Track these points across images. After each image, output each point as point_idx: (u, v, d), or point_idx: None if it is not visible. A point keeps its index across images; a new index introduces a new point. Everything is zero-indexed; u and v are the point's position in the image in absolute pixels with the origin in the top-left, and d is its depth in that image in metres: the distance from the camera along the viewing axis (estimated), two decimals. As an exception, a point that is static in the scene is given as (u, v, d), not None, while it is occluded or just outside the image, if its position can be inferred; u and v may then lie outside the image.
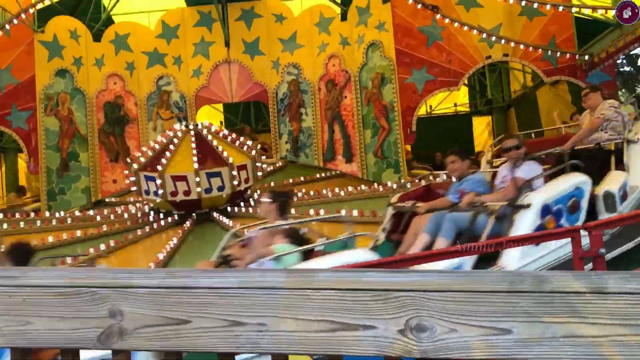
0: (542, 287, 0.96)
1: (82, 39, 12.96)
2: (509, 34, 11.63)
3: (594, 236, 2.86)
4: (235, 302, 1.04)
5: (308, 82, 13.31)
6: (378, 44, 11.89)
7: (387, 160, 11.74)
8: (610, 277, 0.95)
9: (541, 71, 11.90)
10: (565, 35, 11.79)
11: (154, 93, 13.53)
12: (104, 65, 13.17)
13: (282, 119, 13.68)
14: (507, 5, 11.37)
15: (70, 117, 12.58)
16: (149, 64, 13.52)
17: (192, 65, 13.63)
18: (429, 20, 11.59)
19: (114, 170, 12.97)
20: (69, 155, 12.50)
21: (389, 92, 11.70)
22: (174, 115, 13.46)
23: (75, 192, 12.47)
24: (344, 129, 12.65)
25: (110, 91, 13.19)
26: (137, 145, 12.99)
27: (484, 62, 12.14)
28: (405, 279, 1.02)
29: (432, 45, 11.78)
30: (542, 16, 11.65)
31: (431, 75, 11.78)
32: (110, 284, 1.09)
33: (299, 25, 13.48)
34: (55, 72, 12.49)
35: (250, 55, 13.62)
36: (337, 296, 1.01)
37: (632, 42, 10.00)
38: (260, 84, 13.67)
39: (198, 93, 13.66)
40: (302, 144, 13.39)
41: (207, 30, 13.62)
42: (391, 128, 11.70)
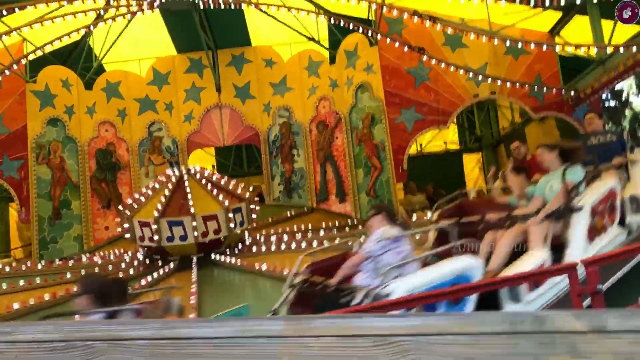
0: (543, 327, 0.95)
1: (73, 88, 13.08)
2: (495, 72, 11.87)
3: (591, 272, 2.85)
4: (232, 352, 1.02)
5: (299, 124, 13.43)
6: (367, 86, 12.08)
7: (380, 199, 11.76)
8: (610, 316, 0.94)
9: (529, 108, 12.09)
10: (550, 72, 12.05)
11: (146, 139, 13.59)
12: (95, 112, 13.26)
13: (274, 160, 13.74)
14: (492, 45, 11.63)
15: (62, 165, 12.57)
16: (141, 111, 13.63)
17: (184, 111, 13.75)
18: (416, 61, 11.82)
19: (106, 217, 12.89)
20: (61, 204, 12.44)
21: (380, 131, 11.82)
22: (165, 160, 13.51)
23: (67, 240, 12.35)
24: (336, 169, 12.71)
25: (102, 138, 13.24)
26: (130, 191, 12.97)
27: (472, 100, 12.33)
28: (405, 323, 1.01)
29: (420, 86, 11.98)
30: (527, 55, 11.93)
31: (420, 114, 11.94)
32: (105, 336, 1.07)
33: (289, 69, 13.70)
34: (47, 121, 12.55)
35: (241, 99, 13.79)
36: (337, 343, 1.00)
37: (615, 77, 10.21)
38: (252, 127, 13.78)
39: (190, 138, 13.74)
40: (294, 185, 13.41)
41: (197, 76, 13.81)
42: (383, 167, 11.77)
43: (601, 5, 10.25)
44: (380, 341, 0.99)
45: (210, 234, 9.65)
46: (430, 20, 10.65)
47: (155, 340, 1.05)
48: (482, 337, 0.96)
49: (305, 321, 1.03)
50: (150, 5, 11.18)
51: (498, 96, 12.39)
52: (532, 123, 13.41)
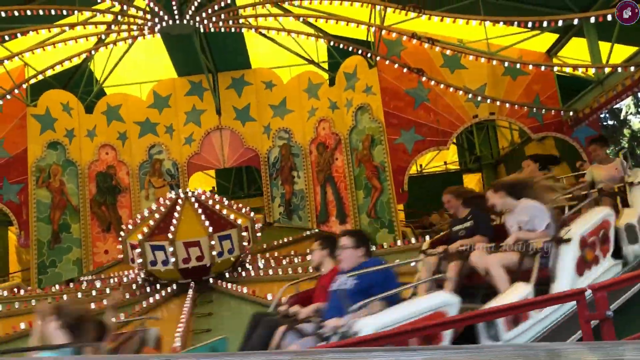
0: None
1: (74, 112, 13.13)
2: (493, 93, 11.93)
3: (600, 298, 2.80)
4: (239, 388, 0.99)
5: (299, 146, 13.46)
6: (366, 107, 12.13)
7: (381, 220, 11.72)
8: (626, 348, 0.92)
9: (528, 128, 12.13)
10: (548, 92, 12.11)
11: (146, 162, 13.61)
12: (96, 136, 13.30)
13: (274, 182, 13.74)
14: (490, 66, 11.70)
15: (61, 189, 12.56)
16: (141, 134, 13.67)
17: (184, 133, 13.79)
18: (415, 82, 11.89)
19: (106, 241, 12.84)
20: (60, 227, 12.40)
21: (380, 152, 11.84)
22: (166, 183, 13.50)
23: (66, 264, 12.28)
24: (337, 190, 12.70)
25: (102, 161, 13.25)
26: (130, 215, 12.93)
27: (471, 121, 12.37)
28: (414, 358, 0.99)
29: (419, 107, 12.03)
30: (525, 75, 12.00)
31: (420, 135, 11.97)
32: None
33: (289, 91, 13.78)
34: (48, 144, 12.57)
35: (241, 121, 13.84)
36: (346, 378, 0.97)
37: (614, 97, 10.25)
38: (252, 149, 13.81)
39: (190, 160, 13.76)
40: (295, 207, 13.39)
41: (198, 99, 13.87)
42: (383, 188, 11.76)
43: (598, 27, 10.34)
44: (391, 376, 0.97)
45: (192, 260, 9.38)
46: (429, 42, 10.73)
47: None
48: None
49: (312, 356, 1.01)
50: (151, 30, 11.27)
51: (497, 116, 12.43)
52: (531, 143, 13.43)
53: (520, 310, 3.69)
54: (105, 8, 11.76)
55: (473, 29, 11.27)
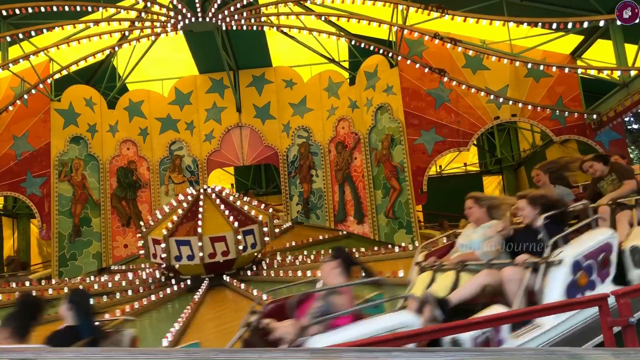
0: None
1: (96, 107, 13.29)
2: (516, 95, 11.80)
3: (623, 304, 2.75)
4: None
5: (318, 145, 13.46)
6: (387, 107, 12.08)
7: (399, 221, 11.67)
8: (651, 355, 0.90)
9: (550, 130, 11.97)
10: (572, 95, 11.94)
11: (167, 158, 13.72)
12: (117, 131, 13.45)
13: (292, 180, 13.76)
14: (513, 67, 11.59)
15: (83, 183, 12.73)
16: (162, 130, 13.79)
17: (205, 130, 13.88)
18: (437, 83, 11.81)
19: (126, 235, 12.98)
20: (81, 221, 12.56)
21: (399, 153, 11.78)
22: (185, 179, 13.61)
23: (86, 258, 12.45)
24: (355, 189, 12.67)
25: (123, 157, 13.40)
26: (149, 210, 13.07)
27: (492, 122, 12.25)
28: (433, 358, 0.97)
29: (440, 107, 11.95)
30: (549, 77, 11.84)
31: (440, 136, 11.89)
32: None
33: (309, 90, 13.78)
34: (70, 138, 12.74)
35: (261, 119, 13.88)
36: (364, 377, 0.97)
37: (639, 101, 10.07)
38: (271, 146, 13.84)
39: (210, 157, 13.84)
40: (312, 205, 13.39)
41: (219, 96, 13.95)
42: (402, 188, 11.70)
43: (624, 29, 10.17)
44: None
45: (218, 255, 9.66)
46: (451, 42, 10.66)
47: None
48: (516, 375, 0.92)
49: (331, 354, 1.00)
50: (173, 27, 11.37)
51: (519, 118, 12.29)
52: (553, 146, 13.28)
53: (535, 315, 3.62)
54: (130, 5, 11.91)
55: (496, 29, 11.17)
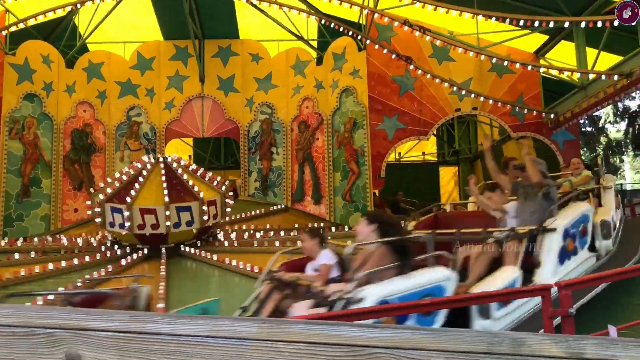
0: (520, 350, 0.94)
1: (54, 65, 12.81)
2: (478, 88, 11.99)
3: (564, 295, 2.87)
4: (201, 351, 0.98)
5: (281, 122, 13.37)
6: (352, 90, 12.08)
7: (355, 204, 11.77)
8: (588, 343, 0.93)
9: (508, 126, 12.24)
10: (532, 93, 12.22)
11: (124, 123, 13.38)
12: (74, 92, 13.01)
13: (252, 157, 13.65)
14: (478, 61, 11.74)
15: (35, 142, 12.30)
16: (121, 94, 13.41)
17: (165, 98, 13.58)
18: (402, 70, 11.87)
19: (77, 199, 12.65)
20: (31, 181, 12.16)
21: (361, 137, 11.84)
22: (142, 146, 13.31)
23: (33, 219, 12.09)
24: (314, 170, 12.68)
25: (79, 118, 12.99)
26: (103, 175, 12.75)
27: (453, 114, 12.43)
28: (380, 335, 0.98)
29: (404, 95, 12.04)
30: (511, 74, 12.07)
31: (402, 123, 11.99)
32: (68, 325, 1.03)
33: (275, 66, 13.63)
34: (24, 95, 12.26)
35: (224, 91, 13.67)
36: (309, 350, 0.97)
37: (595, 104, 10.39)
38: (233, 120, 13.67)
39: (169, 126, 13.57)
40: (271, 183, 13.34)
41: (182, 65, 13.64)
42: (361, 172, 11.78)
43: (587, 32, 10.42)
44: (354, 351, 0.97)
45: (147, 227, 9.49)
46: (420, 30, 10.70)
47: (121, 333, 1.01)
48: (458, 356, 0.94)
49: (280, 325, 1.00)
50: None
51: (479, 112, 12.51)
52: (510, 141, 13.57)
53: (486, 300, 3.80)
54: (95, -39, 11.45)
55: (465, 22, 11.26)
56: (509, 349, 0.93)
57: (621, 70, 9.46)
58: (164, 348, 0.99)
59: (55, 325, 1.03)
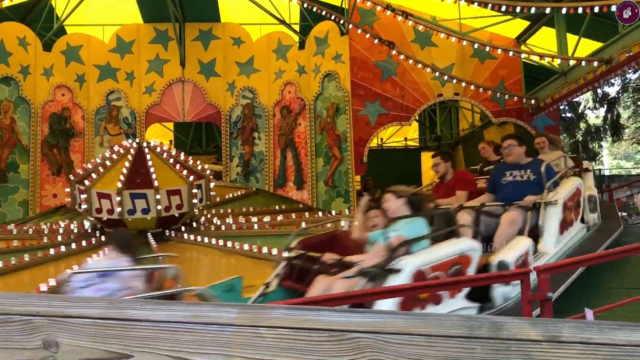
0: (499, 333, 0.95)
1: (31, 47, 12.55)
2: (460, 74, 12.02)
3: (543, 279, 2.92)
4: (182, 337, 0.98)
5: (263, 107, 13.30)
6: (334, 75, 12.04)
7: (338, 190, 11.79)
8: (565, 326, 0.95)
9: (489, 112, 12.32)
10: (513, 79, 12.29)
11: (103, 107, 13.20)
12: (52, 75, 12.78)
13: (234, 142, 13.57)
14: (460, 46, 11.76)
15: (12, 127, 12.09)
16: (100, 78, 13.21)
17: (145, 82, 13.40)
18: (385, 55, 11.85)
19: (55, 184, 12.48)
20: (8, 166, 11.97)
21: (343, 122, 11.83)
22: (122, 131, 13.16)
23: (11, 205, 11.91)
24: (297, 156, 12.66)
25: (57, 102, 12.78)
26: (82, 160, 12.58)
27: (435, 99, 12.47)
28: (361, 320, 0.99)
29: (386, 80, 12.03)
30: (493, 59, 12.12)
31: (384, 108, 12.00)
32: (46, 312, 1.01)
33: (257, 50, 13.51)
34: (0, 78, 12.02)
35: (205, 76, 13.53)
36: (291, 335, 0.97)
37: (575, 90, 10.49)
38: (214, 105, 13.55)
39: (149, 110, 13.42)
40: (253, 168, 13.30)
41: (162, 48, 13.46)
42: (343, 158, 11.79)
43: (568, 19, 10.49)
44: (336, 336, 0.97)
45: (172, 208, 9.51)
46: (403, 15, 10.67)
47: (101, 320, 1.00)
48: (439, 340, 0.95)
49: (260, 311, 1.00)
50: (118, -30, 10.80)
51: (461, 97, 12.57)
52: (491, 127, 13.67)
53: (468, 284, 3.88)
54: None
55: (447, 7, 11.26)
56: (489, 333, 0.94)
57: (601, 56, 9.54)
58: (144, 334, 0.98)
59: (32, 312, 1.01)
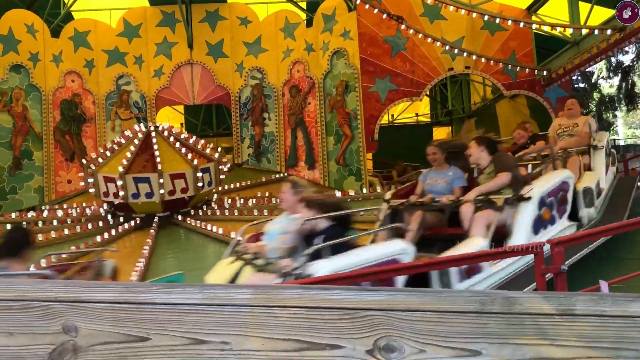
0: (512, 308, 0.95)
1: (39, 34, 12.57)
2: (470, 47, 11.86)
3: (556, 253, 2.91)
4: (197, 319, 0.99)
5: (272, 87, 13.24)
6: (343, 52, 11.94)
7: (349, 168, 11.78)
8: (578, 299, 0.95)
9: (501, 84, 12.17)
10: (524, 50, 12.11)
11: (113, 92, 13.22)
12: (61, 62, 12.80)
13: (244, 123, 13.57)
14: (469, 19, 11.59)
15: (24, 114, 12.17)
16: (109, 63, 13.21)
17: (154, 65, 13.39)
18: (394, 30, 11.71)
19: (69, 170, 12.59)
20: (22, 154, 12.09)
21: (353, 100, 11.76)
22: (133, 115, 13.19)
23: (27, 192, 12.05)
24: (307, 135, 12.63)
25: (67, 89, 12.82)
26: (94, 145, 12.67)
27: (446, 73, 12.33)
28: (373, 298, 0.99)
29: (396, 55, 11.91)
30: (503, 31, 11.93)
31: (394, 84, 11.90)
32: (64, 297, 1.03)
33: (264, 29, 13.42)
34: (10, 67, 12.07)
35: (213, 57, 13.48)
36: (305, 314, 0.98)
37: (587, 60, 10.31)
38: (223, 86, 13.53)
39: (159, 94, 13.42)
40: (264, 149, 13.30)
41: (169, 31, 13.41)
42: (354, 136, 11.75)
43: (580, -13, 10.28)
44: (349, 314, 0.98)
45: (177, 192, 9.55)
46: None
47: (116, 304, 1.01)
48: (452, 316, 0.95)
49: (273, 291, 1.01)
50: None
51: (472, 71, 12.42)
52: (503, 100, 13.54)
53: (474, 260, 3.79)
54: None
55: (456, -21, 11.07)
56: (501, 308, 0.95)
57: (614, 24, 9.34)
58: (160, 317, 0.99)
59: (50, 298, 1.03)
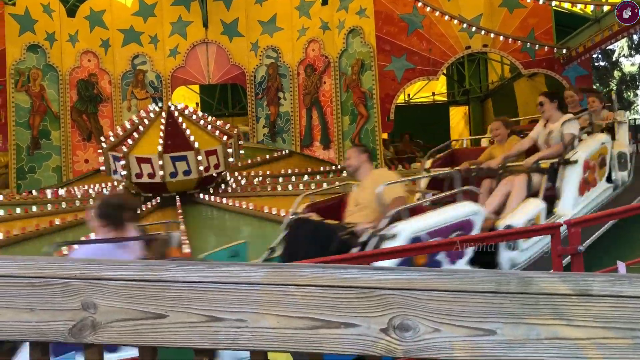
0: (528, 288, 0.95)
1: (55, 14, 12.61)
2: (488, 25, 11.67)
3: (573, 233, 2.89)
4: (213, 297, 1.01)
5: (287, 66, 13.18)
6: (359, 30, 11.83)
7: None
8: (595, 280, 0.94)
9: (519, 63, 11.97)
10: (544, 28, 11.87)
11: (129, 72, 13.26)
12: (77, 41, 12.85)
13: (259, 102, 13.55)
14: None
15: (42, 94, 12.28)
16: (125, 42, 13.23)
17: (169, 45, 13.38)
18: (410, 7, 11.56)
19: (87, 150, 12.72)
20: (40, 133, 12.22)
21: (369, 79, 11.67)
22: (149, 95, 13.24)
23: (45, 171, 12.21)
24: (323, 114, 12.59)
25: (84, 68, 12.89)
26: (111, 125, 12.76)
27: (463, 52, 12.16)
28: (389, 277, 1.00)
29: (412, 34, 11.76)
30: (522, 8, 11.71)
31: (411, 63, 11.77)
32: (83, 275, 1.05)
33: (279, 7, 13.31)
34: (27, 47, 12.15)
35: (228, 36, 13.43)
36: (320, 293, 0.99)
37: (609, 37, 10.10)
38: (238, 66, 13.49)
39: (174, 73, 13.43)
40: (279, 129, 13.30)
41: (184, 10, 13.36)
42: (369, 115, 11.69)
43: (602, -38, 10.04)
44: (364, 293, 0.98)
45: (211, 168, 9.71)
46: (428, -35, 10.35)
47: (136, 282, 1.03)
48: (467, 295, 0.96)
49: (288, 269, 1.02)
50: None
51: (490, 49, 12.24)
52: (521, 79, 13.34)
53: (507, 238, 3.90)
54: None
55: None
56: (517, 288, 0.95)
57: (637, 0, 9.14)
58: (177, 295, 1.01)
59: (70, 275, 1.05)
